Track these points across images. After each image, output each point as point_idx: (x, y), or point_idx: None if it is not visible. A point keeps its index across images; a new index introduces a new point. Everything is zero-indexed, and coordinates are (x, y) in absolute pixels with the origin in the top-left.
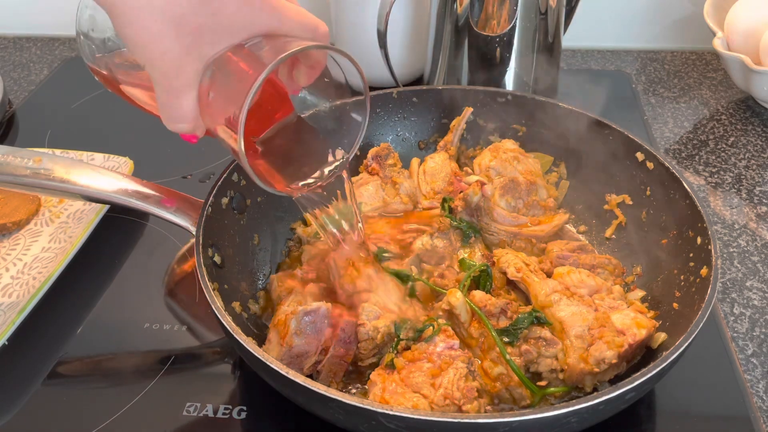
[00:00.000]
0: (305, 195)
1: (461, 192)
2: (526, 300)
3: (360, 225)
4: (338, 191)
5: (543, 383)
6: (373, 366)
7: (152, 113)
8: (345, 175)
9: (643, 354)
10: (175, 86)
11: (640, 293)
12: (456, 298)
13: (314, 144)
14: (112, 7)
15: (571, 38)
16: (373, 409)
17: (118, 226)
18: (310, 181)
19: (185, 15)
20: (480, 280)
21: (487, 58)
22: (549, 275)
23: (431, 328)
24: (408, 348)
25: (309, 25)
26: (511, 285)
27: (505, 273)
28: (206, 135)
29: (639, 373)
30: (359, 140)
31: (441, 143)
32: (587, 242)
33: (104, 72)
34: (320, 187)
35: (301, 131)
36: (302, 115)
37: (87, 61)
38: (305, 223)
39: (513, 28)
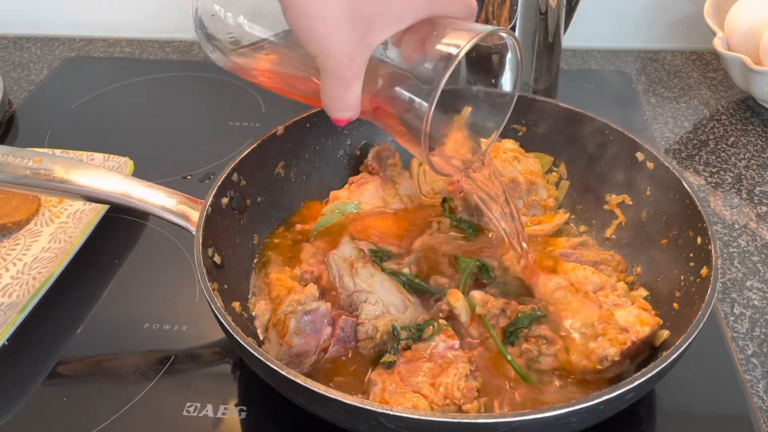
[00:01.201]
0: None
1: (461, 192)
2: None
3: (512, 208)
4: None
5: None
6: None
7: (282, 93)
8: (487, 157)
9: (649, 351)
10: (347, 77)
11: (643, 292)
12: (456, 298)
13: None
14: None
15: (571, 38)
16: (373, 409)
17: (118, 226)
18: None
19: (360, 3)
20: (483, 274)
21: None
22: (552, 272)
23: (431, 327)
24: (408, 348)
25: (464, 2)
26: None
27: (508, 271)
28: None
29: (639, 373)
30: (508, 113)
31: None
32: (588, 237)
33: (236, 63)
34: (472, 165)
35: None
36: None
37: (214, 58)
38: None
39: (513, 28)
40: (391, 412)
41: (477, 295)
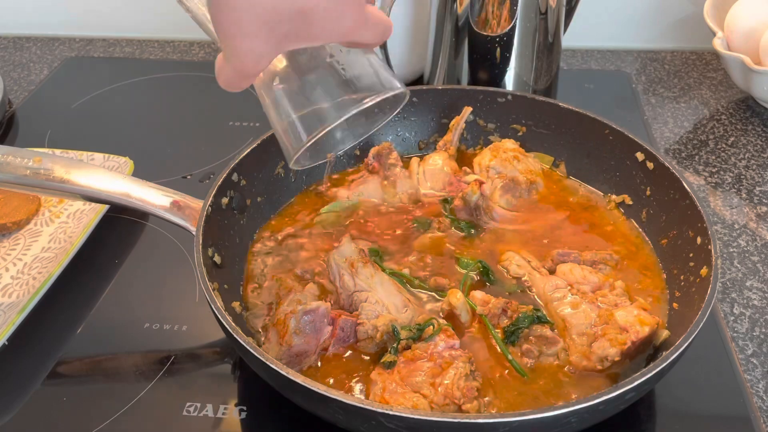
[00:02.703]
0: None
1: (461, 192)
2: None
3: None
4: None
5: None
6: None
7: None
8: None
9: (650, 351)
10: (248, 73)
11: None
12: (457, 298)
13: None
14: None
15: (571, 38)
16: (373, 409)
17: (118, 226)
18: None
19: (281, 22)
20: (483, 276)
21: (487, 58)
22: (551, 272)
23: (431, 327)
24: (408, 348)
25: (380, 31)
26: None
27: (507, 270)
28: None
29: (639, 373)
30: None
31: (440, 143)
32: None
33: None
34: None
35: None
36: None
37: None
38: None
39: (513, 28)
40: (391, 412)
41: (477, 294)
